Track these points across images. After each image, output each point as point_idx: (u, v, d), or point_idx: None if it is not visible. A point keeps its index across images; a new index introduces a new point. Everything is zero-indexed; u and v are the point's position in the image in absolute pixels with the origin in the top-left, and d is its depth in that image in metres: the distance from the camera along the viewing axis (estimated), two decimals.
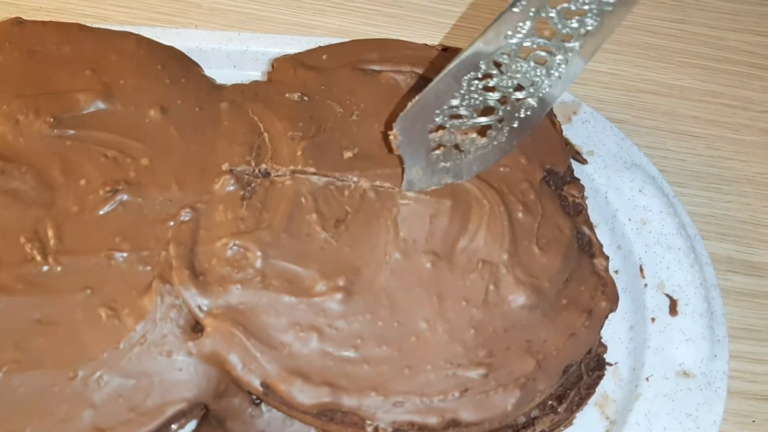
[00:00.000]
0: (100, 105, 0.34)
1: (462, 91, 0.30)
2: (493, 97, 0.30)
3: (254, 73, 0.44)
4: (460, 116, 0.31)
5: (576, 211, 0.36)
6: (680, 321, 0.37)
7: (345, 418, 0.29)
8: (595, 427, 0.35)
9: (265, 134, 0.35)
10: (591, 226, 0.36)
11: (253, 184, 0.33)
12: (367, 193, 0.34)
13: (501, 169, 0.35)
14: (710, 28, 0.56)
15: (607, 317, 0.33)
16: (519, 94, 0.30)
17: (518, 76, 0.29)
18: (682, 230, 0.40)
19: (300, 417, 0.30)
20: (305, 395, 0.29)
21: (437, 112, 0.30)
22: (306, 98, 0.37)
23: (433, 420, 0.29)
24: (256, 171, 0.33)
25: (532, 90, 0.30)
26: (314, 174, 0.33)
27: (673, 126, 0.50)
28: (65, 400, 0.28)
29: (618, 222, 0.40)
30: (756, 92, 0.52)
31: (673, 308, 0.37)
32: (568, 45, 0.28)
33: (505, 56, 0.28)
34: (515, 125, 0.32)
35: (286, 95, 0.36)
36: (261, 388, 0.29)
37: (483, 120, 0.31)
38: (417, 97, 0.30)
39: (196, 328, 0.30)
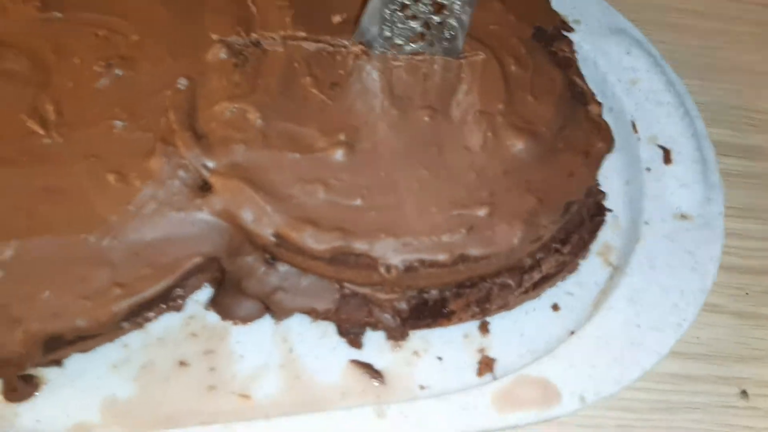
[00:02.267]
0: None
1: (388, 24, 0.32)
2: (417, 24, 0.33)
3: None
4: (397, 45, 0.33)
5: (566, 65, 0.37)
6: (674, 168, 0.38)
7: (358, 261, 0.30)
8: (599, 272, 0.36)
9: (253, 6, 0.35)
10: (582, 78, 0.36)
11: (245, 53, 0.33)
12: (359, 56, 0.34)
13: (491, 27, 0.36)
14: None
15: (603, 157, 0.34)
16: (437, 18, 0.33)
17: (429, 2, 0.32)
18: (671, 87, 0.41)
19: (314, 267, 0.31)
20: (317, 241, 0.29)
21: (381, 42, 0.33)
22: None
23: (442, 256, 0.30)
24: (247, 40, 0.34)
25: (447, 12, 0.32)
26: (305, 39, 0.34)
27: (664, 18, 0.50)
28: (82, 261, 0.28)
29: (608, 84, 0.41)
30: None
31: (666, 157, 0.38)
32: None
33: None
34: (445, 45, 0.34)
35: None
36: (273, 239, 0.30)
37: (416, 46, 0.34)
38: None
39: (204, 187, 0.30)
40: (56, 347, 0.29)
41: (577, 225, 0.34)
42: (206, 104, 0.31)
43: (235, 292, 0.32)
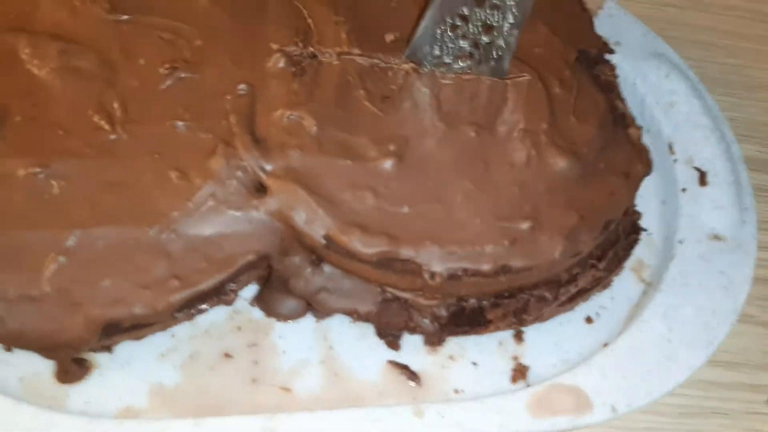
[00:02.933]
0: None
1: (439, 43, 0.34)
2: (466, 43, 0.34)
3: None
4: (446, 63, 0.35)
5: (608, 88, 0.38)
6: (709, 190, 0.39)
7: (403, 267, 0.31)
8: (632, 288, 0.37)
9: (310, 20, 0.36)
10: (623, 101, 0.38)
11: (302, 64, 0.34)
12: (409, 73, 0.35)
13: (536, 50, 0.37)
14: None
15: (642, 179, 0.35)
16: (486, 38, 0.34)
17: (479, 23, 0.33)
18: (708, 111, 0.42)
19: (359, 270, 0.32)
20: (365, 245, 0.31)
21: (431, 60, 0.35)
22: None
23: (485, 266, 0.31)
24: (304, 52, 0.35)
25: (495, 34, 0.34)
26: (359, 55, 0.35)
27: (695, 37, 0.52)
28: (142, 251, 0.29)
29: (647, 106, 0.42)
30: None
31: (702, 179, 0.39)
32: None
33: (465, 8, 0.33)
34: (492, 65, 0.35)
35: None
36: (323, 241, 0.31)
37: (463, 65, 0.35)
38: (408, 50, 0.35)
39: (260, 189, 0.31)
40: (112, 333, 0.30)
41: (613, 242, 0.35)
42: (265, 110, 0.33)
43: (280, 290, 0.34)
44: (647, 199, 0.40)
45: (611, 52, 0.44)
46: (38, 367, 0.32)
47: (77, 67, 0.33)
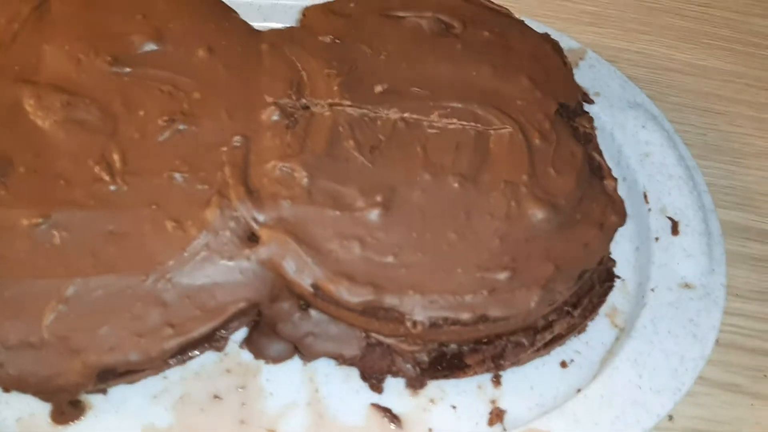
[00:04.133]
0: (153, 46, 0.37)
1: None
2: None
3: (283, 25, 0.46)
4: None
5: (586, 140, 0.40)
6: (681, 240, 0.41)
7: (387, 315, 0.32)
8: (606, 333, 0.39)
9: (303, 72, 0.38)
10: (600, 153, 0.39)
11: (295, 115, 0.36)
12: (397, 123, 0.37)
13: (518, 102, 0.39)
14: (735, 12, 0.60)
15: (616, 230, 0.37)
16: None
17: None
18: (682, 161, 0.44)
19: (345, 316, 0.33)
20: (351, 294, 0.32)
21: None
22: (338, 41, 0.40)
23: (465, 315, 0.33)
24: (297, 104, 0.37)
25: None
26: (350, 106, 0.37)
27: (697, 103, 0.54)
28: (138, 300, 0.31)
29: (623, 156, 0.44)
30: None
31: (674, 229, 0.41)
32: None
33: None
34: None
35: (320, 38, 0.40)
36: (312, 289, 0.32)
37: None
38: None
39: (252, 238, 0.33)
40: (108, 378, 0.32)
41: (588, 290, 0.37)
42: (259, 161, 0.34)
43: (269, 333, 0.35)
44: (622, 245, 0.42)
45: (590, 101, 0.46)
46: (35, 408, 0.33)
47: (80, 119, 0.34)
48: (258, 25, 0.45)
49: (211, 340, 0.33)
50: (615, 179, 0.39)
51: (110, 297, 0.31)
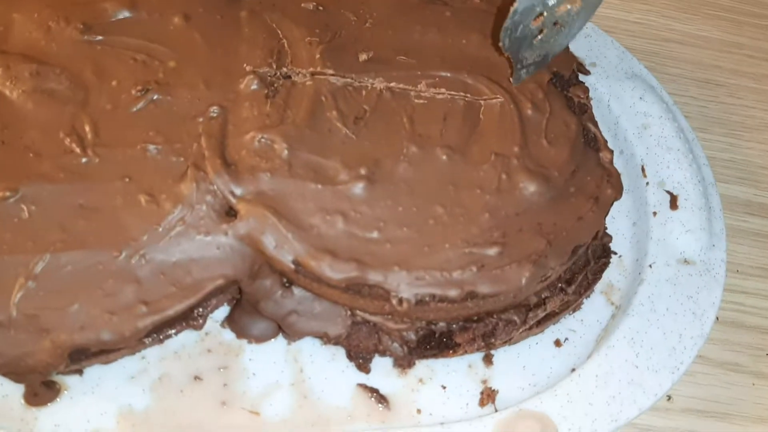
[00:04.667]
0: (126, 13, 0.35)
1: None
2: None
3: None
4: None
5: (581, 111, 0.38)
6: (680, 214, 0.39)
7: (371, 292, 0.31)
8: (602, 311, 0.38)
9: (284, 40, 0.36)
10: (596, 124, 0.38)
11: (275, 85, 0.35)
12: (383, 93, 0.35)
13: (509, 71, 0.37)
14: None
15: (612, 204, 0.35)
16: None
17: None
18: (681, 133, 0.42)
19: (329, 294, 0.32)
20: (334, 270, 0.31)
21: (535, 4, 0.33)
22: (321, 8, 0.38)
23: (453, 292, 0.31)
24: (278, 73, 0.35)
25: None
26: (333, 75, 0.35)
27: (697, 74, 0.52)
28: (110, 276, 0.30)
29: (620, 128, 0.42)
30: None
31: (673, 203, 0.40)
32: None
33: None
34: None
35: (302, 5, 0.38)
36: (293, 266, 0.31)
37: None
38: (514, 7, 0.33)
39: (230, 213, 0.31)
40: (80, 358, 0.30)
41: (582, 266, 0.36)
42: (237, 132, 0.33)
43: (251, 312, 0.34)
44: (619, 220, 0.40)
45: (586, 72, 0.44)
46: (7, 389, 0.32)
47: (49, 89, 0.33)
48: None
49: (189, 319, 0.31)
50: (611, 151, 0.37)
51: (81, 273, 0.29)
